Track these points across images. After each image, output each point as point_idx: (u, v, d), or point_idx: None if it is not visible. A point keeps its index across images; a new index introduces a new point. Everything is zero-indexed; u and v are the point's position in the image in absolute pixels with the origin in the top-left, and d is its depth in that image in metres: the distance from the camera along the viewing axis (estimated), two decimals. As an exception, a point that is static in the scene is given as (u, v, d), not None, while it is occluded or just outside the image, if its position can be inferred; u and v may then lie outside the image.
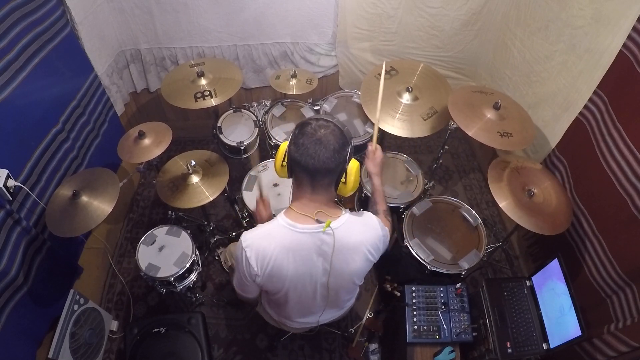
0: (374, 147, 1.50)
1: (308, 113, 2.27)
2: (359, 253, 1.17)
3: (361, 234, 1.17)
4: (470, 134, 1.74)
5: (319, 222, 1.10)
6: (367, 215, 1.22)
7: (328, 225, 1.09)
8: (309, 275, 1.18)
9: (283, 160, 1.14)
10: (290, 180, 1.18)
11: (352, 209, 2.22)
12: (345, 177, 1.12)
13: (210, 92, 1.96)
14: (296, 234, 1.11)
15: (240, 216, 2.16)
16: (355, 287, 1.36)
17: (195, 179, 1.85)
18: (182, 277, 1.77)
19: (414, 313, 1.66)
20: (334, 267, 1.16)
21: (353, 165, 1.12)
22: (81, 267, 1.92)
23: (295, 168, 1.10)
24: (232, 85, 2.01)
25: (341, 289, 1.30)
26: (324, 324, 1.51)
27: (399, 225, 1.89)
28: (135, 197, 2.62)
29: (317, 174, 1.08)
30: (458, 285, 1.71)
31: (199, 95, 1.95)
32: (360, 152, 2.23)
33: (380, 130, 2.12)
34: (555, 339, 1.51)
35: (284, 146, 1.13)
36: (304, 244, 1.12)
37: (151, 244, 1.80)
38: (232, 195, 2.25)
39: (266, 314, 1.53)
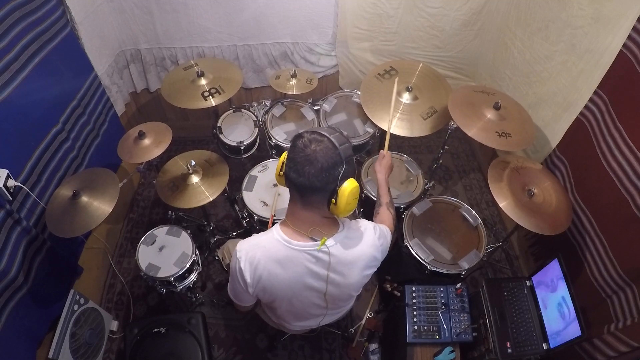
0: (385, 152, 1.57)
1: (308, 113, 2.27)
2: (356, 268, 1.15)
3: (358, 249, 1.14)
4: (470, 134, 1.74)
5: (313, 239, 1.08)
6: (364, 225, 1.19)
7: (323, 244, 1.07)
8: (303, 290, 1.17)
9: (281, 170, 1.11)
10: None
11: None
12: (337, 198, 1.03)
13: (210, 91, 1.97)
14: (291, 250, 1.09)
15: (240, 216, 2.16)
16: (353, 297, 1.35)
17: (195, 179, 1.84)
18: (182, 277, 1.77)
19: (414, 313, 1.66)
20: (331, 282, 1.15)
21: (349, 186, 1.03)
22: (81, 267, 1.92)
23: (287, 181, 1.08)
24: (232, 85, 2.01)
25: (339, 300, 1.30)
26: (324, 325, 1.51)
27: (399, 225, 1.89)
28: (135, 197, 2.62)
29: (304, 191, 1.04)
30: (458, 285, 1.71)
31: (199, 95, 1.95)
32: (360, 151, 2.24)
33: (383, 131, 2.13)
34: (555, 339, 1.51)
35: (283, 156, 1.11)
36: (298, 261, 1.10)
37: (151, 244, 1.80)
38: (232, 195, 2.25)
39: (265, 316, 1.53)
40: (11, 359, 1.46)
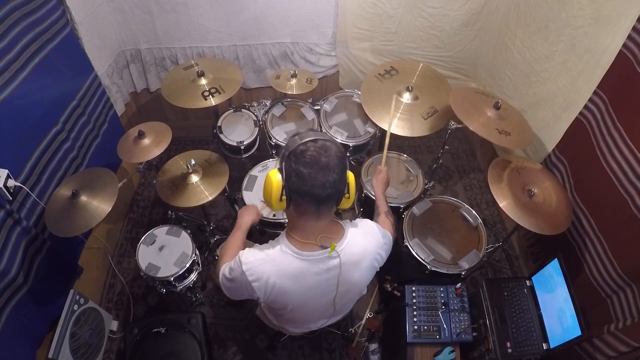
0: (382, 167, 1.62)
1: (308, 113, 2.27)
2: (363, 266, 1.16)
3: (364, 247, 1.15)
4: (472, 128, 1.73)
5: (323, 247, 1.07)
6: (367, 224, 1.20)
7: (333, 249, 1.07)
8: (314, 297, 1.17)
9: (282, 195, 1.02)
10: None
11: (351, 209, 2.25)
12: (348, 191, 1.06)
13: (210, 91, 1.96)
14: (302, 261, 1.07)
15: (240, 216, 2.16)
16: (359, 295, 1.35)
17: (194, 178, 1.84)
18: (182, 277, 1.77)
19: (414, 313, 1.66)
20: (341, 285, 1.15)
21: (350, 176, 1.07)
22: (81, 267, 1.92)
23: (301, 200, 1.01)
24: (232, 85, 2.01)
25: (347, 302, 1.31)
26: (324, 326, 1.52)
27: (399, 225, 1.89)
28: (135, 197, 2.62)
29: (327, 200, 1.01)
30: (458, 285, 1.71)
31: (199, 95, 1.95)
32: (361, 151, 2.24)
33: (382, 131, 2.14)
34: (555, 339, 1.51)
35: (275, 180, 1.02)
36: (310, 270, 1.09)
37: (151, 244, 1.80)
38: (232, 195, 2.25)
39: (266, 319, 1.53)
40: (11, 359, 1.46)
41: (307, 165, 0.96)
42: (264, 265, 1.07)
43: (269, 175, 1.03)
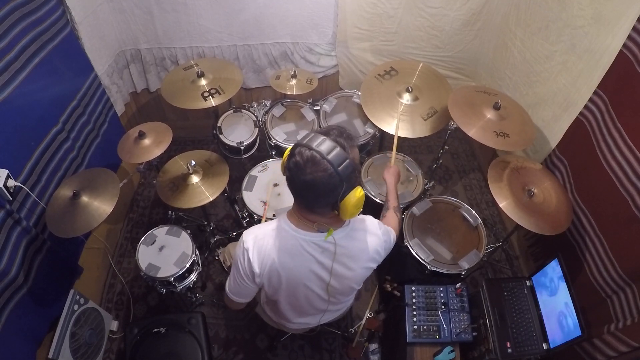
0: (392, 163, 1.68)
1: (308, 113, 2.27)
2: (360, 261, 1.17)
3: (363, 242, 1.16)
4: (470, 134, 1.74)
5: (320, 231, 1.09)
6: (369, 221, 1.21)
7: (330, 234, 1.08)
8: (307, 280, 1.18)
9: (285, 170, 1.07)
10: None
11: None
12: (339, 210, 1.03)
13: (209, 92, 1.96)
14: (298, 239, 1.10)
15: (240, 216, 2.16)
16: (354, 290, 1.36)
17: (195, 179, 1.84)
18: (182, 277, 1.77)
19: (414, 313, 1.66)
20: (335, 274, 1.16)
21: (351, 198, 0.99)
22: (81, 267, 1.92)
23: (293, 191, 1.06)
24: (232, 85, 2.01)
25: (339, 294, 1.31)
26: (323, 324, 1.52)
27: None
28: (135, 197, 2.62)
29: (309, 205, 1.07)
30: (458, 285, 1.71)
31: (199, 95, 1.95)
32: (360, 152, 2.23)
33: (381, 131, 2.14)
34: (555, 339, 1.51)
35: (285, 154, 1.06)
36: (305, 250, 1.11)
37: (151, 244, 1.80)
38: (232, 195, 2.25)
39: (265, 315, 1.53)
40: (11, 359, 1.46)
41: (291, 170, 1.00)
42: (263, 239, 1.12)
43: (288, 149, 1.06)
